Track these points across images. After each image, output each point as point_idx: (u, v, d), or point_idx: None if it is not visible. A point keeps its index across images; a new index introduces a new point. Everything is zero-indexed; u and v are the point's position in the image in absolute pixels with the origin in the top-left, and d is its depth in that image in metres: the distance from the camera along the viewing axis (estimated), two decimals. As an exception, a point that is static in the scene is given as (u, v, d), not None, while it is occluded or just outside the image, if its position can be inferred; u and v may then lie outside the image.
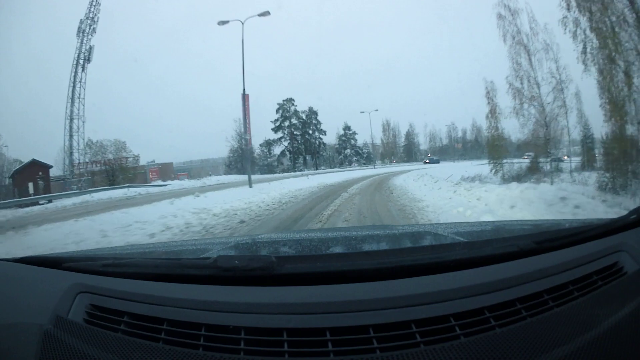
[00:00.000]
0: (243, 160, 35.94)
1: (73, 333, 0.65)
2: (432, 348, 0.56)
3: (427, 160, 44.45)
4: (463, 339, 0.59)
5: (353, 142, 49.81)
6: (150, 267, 0.86)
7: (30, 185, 21.89)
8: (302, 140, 46.38)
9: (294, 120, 46.03)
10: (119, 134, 44.05)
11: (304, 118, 46.28)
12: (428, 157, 47.51)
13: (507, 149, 14.33)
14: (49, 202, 18.09)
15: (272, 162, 44.17)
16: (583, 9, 8.75)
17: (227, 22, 17.46)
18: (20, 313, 0.73)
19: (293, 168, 43.43)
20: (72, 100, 29.19)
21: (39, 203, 17.63)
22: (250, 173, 14.56)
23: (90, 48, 29.43)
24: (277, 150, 45.58)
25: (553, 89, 11.02)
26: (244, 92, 16.31)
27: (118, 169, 28.08)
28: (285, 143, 45.90)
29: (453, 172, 15.24)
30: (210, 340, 0.62)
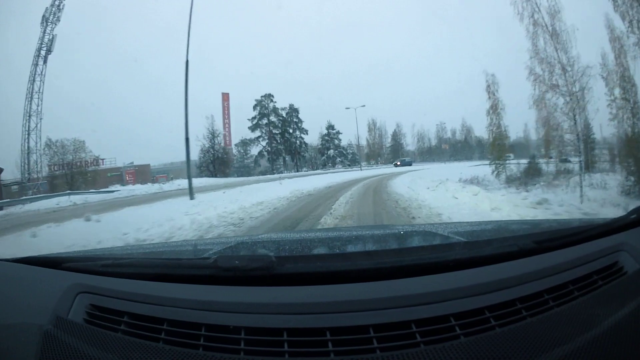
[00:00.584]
0: (216, 162, 34.15)
1: (73, 333, 0.65)
2: (432, 348, 0.56)
3: (398, 162, 40.72)
4: (463, 339, 0.59)
5: (337, 142, 46.42)
6: (150, 267, 0.86)
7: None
8: (281, 140, 42.46)
9: (273, 118, 42.03)
10: (118, 134, 42.59)
11: (284, 116, 42.46)
12: (399, 159, 43.69)
13: (510, 148, 13.26)
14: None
15: (249, 163, 40.67)
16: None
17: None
18: (20, 313, 0.73)
19: (272, 170, 39.61)
20: (31, 96, 26.43)
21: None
22: (191, 179, 11.22)
23: (53, 38, 27.05)
24: (255, 151, 41.84)
25: (582, 76, 9.39)
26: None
27: (77, 172, 25.37)
28: (264, 143, 41.97)
29: (447, 174, 14.30)
30: (211, 340, 0.62)
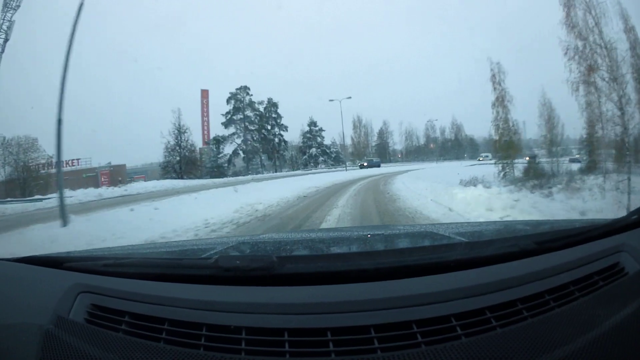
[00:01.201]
0: (182, 162, 29.78)
1: (74, 333, 0.65)
2: (433, 348, 0.56)
3: (364, 163, 35.29)
4: (464, 339, 0.59)
5: (320, 139, 41.95)
6: (152, 267, 0.86)
7: None
8: (258, 137, 38.36)
9: (249, 113, 37.80)
10: (114, 133, 40.93)
11: (261, 111, 38.18)
12: (365, 159, 38.20)
13: (520, 146, 11.55)
14: None
15: (223, 163, 36.41)
16: None
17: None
18: (21, 313, 0.73)
19: (247, 170, 35.99)
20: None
21: None
22: (63, 193, 7.16)
23: (10, 24, 24.38)
24: (229, 149, 37.49)
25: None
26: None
27: (28, 175, 22.74)
28: (238, 140, 37.64)
29: (442, 174, 12.66)
30: (211, 340, 0.62)
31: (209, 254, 1.00)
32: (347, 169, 32.77)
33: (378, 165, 34.50)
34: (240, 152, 37.87)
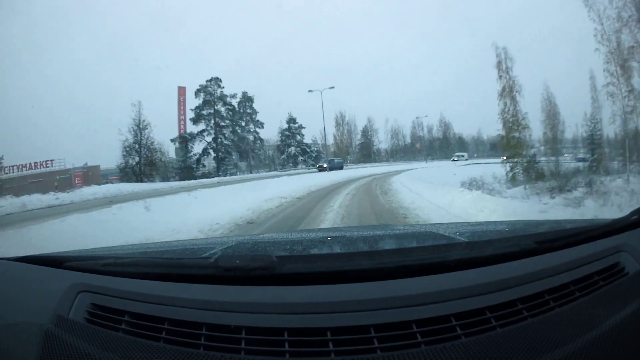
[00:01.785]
0: (142, 162, 25.79)
1: (74, 332, 0.65)
2: (433, 348, 0.56)
3: (324, 165, 29.36)
4: (464, 339, 0.59)
5: (299, 137, 38.45)
6: (152, 266, 0.86)
7: None
8: (231, 135, 34.29)
9: (220, 107, 33.68)
10: (70, 132, 37.64)
11: (233, 105, 34.33)
12: (325, 159, 32.85)
13: (531, 143, 9.78)
14: None
15: (192, 163, 32.78)
16: None
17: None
18: (21, 312, 0.73)
19: (217, 171, 32.26)
20: None
21: None
22: None
23: None
24: (199, 148, 33.56)
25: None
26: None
27: None
28: (209, 138, 33.69)
29: (439, 175, 11.57)
30: (211, 340, 0.62)
31: (209, 254, 1.00)
32: (328, 171, 26.23)
33: (341, 167, 29.53)
34: (211, 151, 33.79)
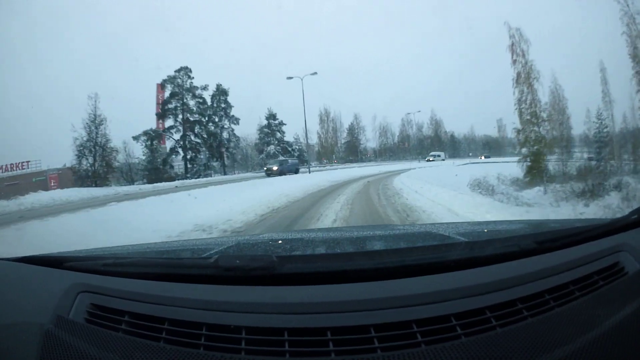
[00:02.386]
0: (97, 164, 21.78)
1: (74, 332, 0.65)
2: (433, 348, 0.56)
3: (274, 167, 24.63)
4: (464, 339, 0.59)
5: (280, 135, 34.38)
6: (152, 266, 0.86)
7: None
8: (202, 131, 30.04)
9: (190, 101, 29.24)
10: (45, 133, 33.21)
11: (204, 98, 29.83)
12: (277, 159, 28.00)
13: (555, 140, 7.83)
14: None
15: (159, 164, 28.51)
16: None
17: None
18: (21, 313, 0.73)
19: (186, 173, 28.63)
20: None
21: None
22: None
23: None
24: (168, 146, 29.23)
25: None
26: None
27: None
28: (177, 135, 29.40)
29: (438, 177, 10.94)
30: (211, 340, 0.62)
31: (209, 254, 1.00)
32: (310, 172, 23.48)
33: (295, 171, 24.84)
34: (179, 149, 29.59)
